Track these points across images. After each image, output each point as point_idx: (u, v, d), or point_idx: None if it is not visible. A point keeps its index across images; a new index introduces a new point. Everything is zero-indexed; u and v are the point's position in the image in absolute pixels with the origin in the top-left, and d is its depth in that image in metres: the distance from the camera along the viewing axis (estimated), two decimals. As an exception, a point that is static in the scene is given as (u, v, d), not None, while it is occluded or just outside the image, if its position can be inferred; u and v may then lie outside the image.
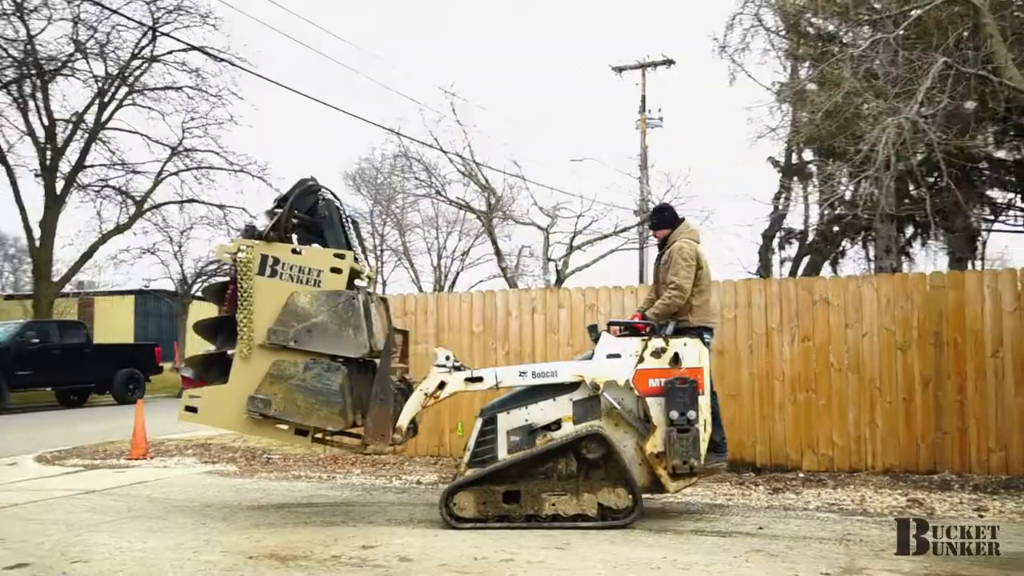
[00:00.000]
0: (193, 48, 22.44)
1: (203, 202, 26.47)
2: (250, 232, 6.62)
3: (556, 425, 6.26)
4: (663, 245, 7.01)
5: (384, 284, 35.28)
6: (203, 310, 35.90)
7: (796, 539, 5.80)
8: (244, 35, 62.30)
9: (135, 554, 5.53)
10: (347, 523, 6.48)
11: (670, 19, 60.81)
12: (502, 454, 6.23)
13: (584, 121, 58.30)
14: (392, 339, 6.57)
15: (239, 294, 6.28)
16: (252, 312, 6.26)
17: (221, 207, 26.39)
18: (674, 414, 6.10)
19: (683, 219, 7.14)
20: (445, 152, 22.52)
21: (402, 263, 36.51)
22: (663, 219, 7.10)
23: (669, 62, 28.58)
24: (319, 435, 6.60)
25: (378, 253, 35.06)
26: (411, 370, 7.37)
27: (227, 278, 6.71)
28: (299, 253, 6.41)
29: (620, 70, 29.00)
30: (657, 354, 6.26)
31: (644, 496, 6.34)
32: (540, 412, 6.27)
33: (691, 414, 6.10)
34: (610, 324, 6.64)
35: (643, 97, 28.73)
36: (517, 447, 6.21)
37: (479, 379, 6.42)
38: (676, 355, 6.26)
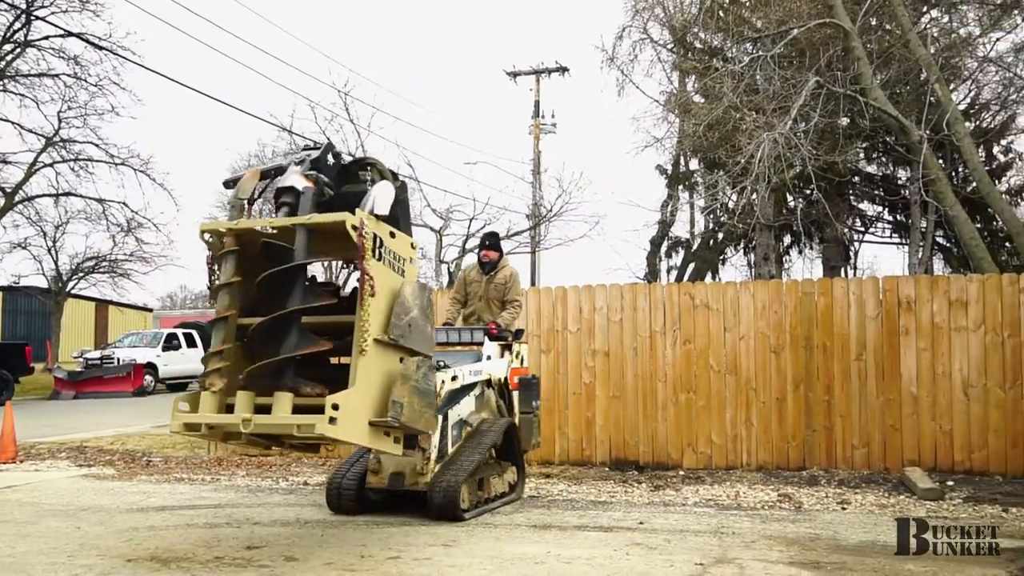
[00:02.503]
0: (71, 34, 21.40)
1: (81, 195, 25.31)
2: (293, 194, 5.34)
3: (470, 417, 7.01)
4: (491, 265, 7.97)
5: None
6: (78, 308, 34.37)
7: (674, 532, 6.05)
8: (128, 23, 59.72)
9: (3, 560, 5.31)
10: (231, 524, 6.38)
11: (566, 27, 61.86)
12: (449, 448, 6.69)
13: (479, 124, 58.57)
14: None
15: (369, 278, 5.14)
16: (380, 301, 5.22)
17: (100, 201, 25.30)
18: (534, 403, 7.68)
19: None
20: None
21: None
22: (497, 244, 8.23)
23: (563, 69, 29.09)
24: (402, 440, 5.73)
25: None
26: None
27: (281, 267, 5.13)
28: (395, 237, 5.44)
29: (515, 75, 29.30)
30: (517, 355, 7.69)
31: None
32: (465, 407, 6.98)
33: (536, 403, 7.75)
34: (490, 331, 7.48)
35: (536, 103, 29.10)
36: (455, 440, 6.78)
37: (456, 377, 6.79)
38: (522, 357, 7.80)
